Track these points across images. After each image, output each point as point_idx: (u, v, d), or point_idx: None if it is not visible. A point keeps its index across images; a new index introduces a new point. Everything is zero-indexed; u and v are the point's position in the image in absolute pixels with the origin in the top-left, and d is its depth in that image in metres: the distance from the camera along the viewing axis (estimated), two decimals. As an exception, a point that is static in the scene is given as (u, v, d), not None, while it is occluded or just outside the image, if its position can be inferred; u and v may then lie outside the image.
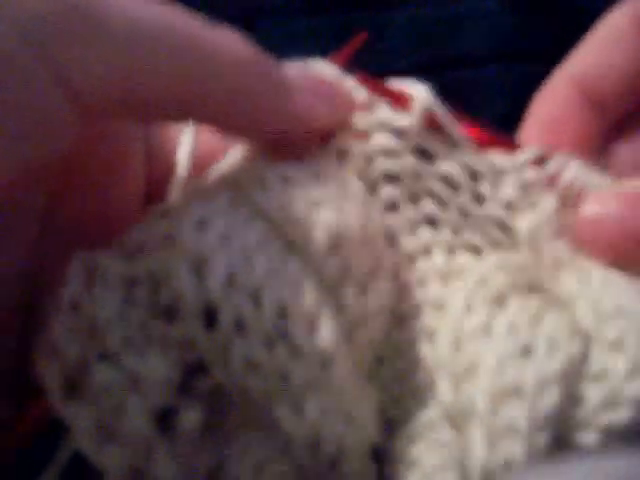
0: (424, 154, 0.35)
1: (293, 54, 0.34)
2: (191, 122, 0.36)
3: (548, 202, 0.34)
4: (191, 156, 0.37)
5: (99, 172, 0.35)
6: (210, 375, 0.30)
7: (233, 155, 0.36)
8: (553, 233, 0.34)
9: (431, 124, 0.34)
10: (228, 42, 0.31)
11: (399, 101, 0.34)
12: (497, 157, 0.34)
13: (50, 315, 0.30)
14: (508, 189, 0.34)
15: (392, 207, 0.35)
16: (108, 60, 0.28)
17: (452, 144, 0.34)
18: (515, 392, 0.29)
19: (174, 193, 0.36)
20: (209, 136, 0.37)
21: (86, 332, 0.29)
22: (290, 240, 0.31)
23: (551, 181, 0.34)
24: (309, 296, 0.30)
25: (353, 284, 0.31)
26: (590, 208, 0.33)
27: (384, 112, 0.35)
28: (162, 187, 0.37)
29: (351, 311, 0.31)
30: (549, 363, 0.30)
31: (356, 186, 0.34)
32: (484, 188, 0.34)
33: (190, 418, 0.30)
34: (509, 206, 0.34)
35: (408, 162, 0.34)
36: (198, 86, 0.30)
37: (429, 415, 0.33)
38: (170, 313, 0.29)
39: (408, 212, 0.35)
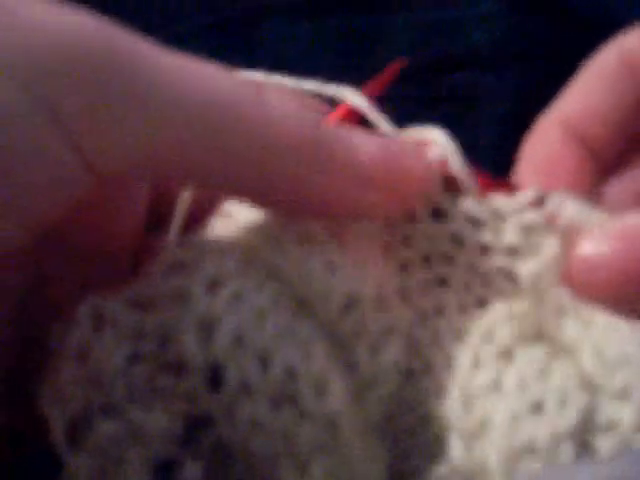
0: (438, 213, 0.34)
1: (295, 56, 0.33)
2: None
3: (550, 246, 0.33)
4: None
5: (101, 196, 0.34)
6: (214, 430, 0.29)
7: None
8: (555, 279, 0.33)
9: (444, 172, 0.34)
10: (276, 114, 0.28)
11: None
12: (498, 200, 0.33)
13: (55, 357, 0.30)
14: (510, 234, 0.33)
15: (405, 268, 0.35)
16: (129, 130, 0.26)
17: (459, 193, 0.34)
18: (529, 450, 0.29)
19: (179, 213, 0.35)
20: None
21: (91, 382, 0.29)
22: (304, 300, 0.30)
23: (550, 220, 0.33)
24: (318, 359, 0.29)
25: (366, 343, 0.31)
26: (584, 249, 0.32)
27: None
28: (168, 202, 0.36)
29: (363, 370, 0.31)
30: (561, 419, 0.29)
31: (372, 244, 0.33)
32: (486, 237, 0.33)
33: (192, 471, 0.29)
34: (512, 252, 0.33)
35: (424, 226, 0.34)
36: (234, 166, 0.27)
37: (439, 473, 0.32)
38: (177, 368, 0.29)
39: (420, 273, 0.35)
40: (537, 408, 0.30)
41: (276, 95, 0.29)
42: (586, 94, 0.36)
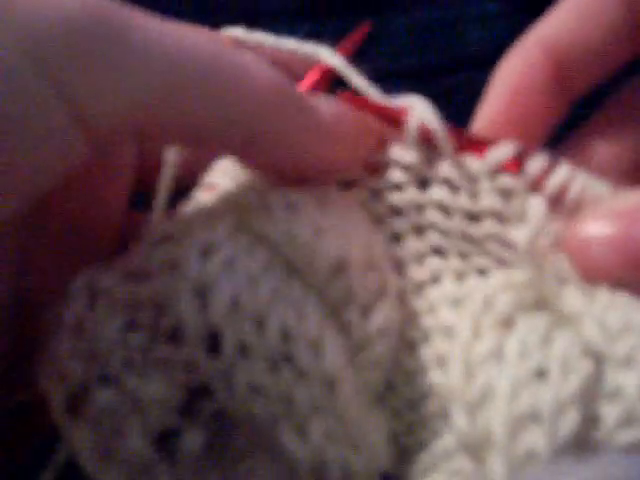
0: (424, 182, 0.34)
1: None
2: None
3: (536, 209, 0.32)
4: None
5: (88, 165, 0.34)
6: (214, 398, 0.30)
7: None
8: (551, 244, 0.32)
9: (424, 136, 0.34)
10: (253, 68, 0.29)
11: (393, 119, 0.34)
12: (472, 162, 0.33)
13: (53, 333, 0.30)
14: (487, 199, 0.33)
15: (397, 239, 0.35)
16: (122, 90, 0.27)
17: (438, 155, 0.34)
18: (533, 417, 0.29)
19: (163, 185, 0.36)
20: None
21: (88, 354, 0.29)
22: (293, 265, 0.30)
23: (535, 185, 0.33)
24: (313, 319, 0.29)
25: (356, 306, 0.31)
26: (584, 229, 0.32)
27: (395, 150, 0.34)
28: (153, 174, 0.36)
29: (355, 333, 0.31)
30: (565, 385, 0.29)
31: (360, 214, 0.34)
32: (465, 201, 0.33)
33: (192, 440, 0.30)
34: (498, 217, 0.33)
35: (411, 195, 0.34)
36: (218, 118, 0.29)
37: (444, 445, 0.32)
38: (174, 336, 0.29)
39: (414, 244, 0.35)
40: (540, 375, 0.30)
41: (252, 53, 0.30)
42: (572, 18, 0.35)
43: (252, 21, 0.34)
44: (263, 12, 0.53)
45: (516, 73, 0.35)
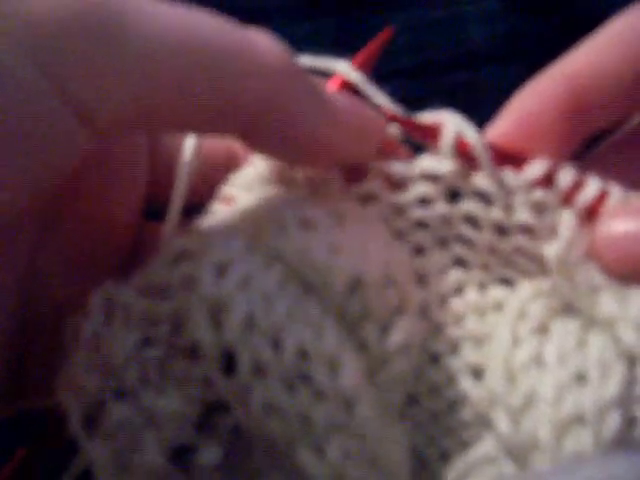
0: (454, 195, 0.34)
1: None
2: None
3: (568, 224, 0.32)
4: (195, 157, 0.35)
5: (99, 176, 0.34)
6: (232, 414, 0.29)
7: (256, 166, 0.35)
8: (581, 255, 0.32)
9: (460, 150, 0.33)
10: (261, 46, 0.28)
11: (428, 135, 0.33)
12: (507, 175, 0.33)
13: (71, 346, 0.30)
14: (521, 214, 0.33)
15: (419, 251, 0.35)
16: (122, 81, 0.26)
17: (473, 168, 0.33)
18: (577, 420, 0.30)
19: (177, 197, 0.35)
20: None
21: (104, 368, 0.29)
22: (309, 283, 0.30)
23: (568, 198, 0.32)
24: (330, 337, 0.29)
25: (374, 323, 0.31)
26: (611, 227, 0.32)
27: (426, 162, 0.33)
28: (165, 187, 0.36)
29: (373, 350, 0.31)
30: (605, 388, 0.30)
31: (379, 228, 0.33)
32: (498, 214, 0.33)
33: (208, 456, 0.30)
34: (529, 232, 0.33)
35: (439, 209, 0.34)
36: (224, 99, 0.28)
37: (484, 450, 0.33)
38: (191, 352, 0.29)
39: (437, 256, 0.34)
40: (580, 378, 0.30)
41: (260, 32, 0.29)
42: (594, 54, 0.34)
43: (252, 19, 0.33)
44: (263, 9, 0.52)
45: (529, 102, 0.34)
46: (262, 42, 0.29)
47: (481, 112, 0.48)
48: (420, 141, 0.34)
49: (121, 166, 0.34)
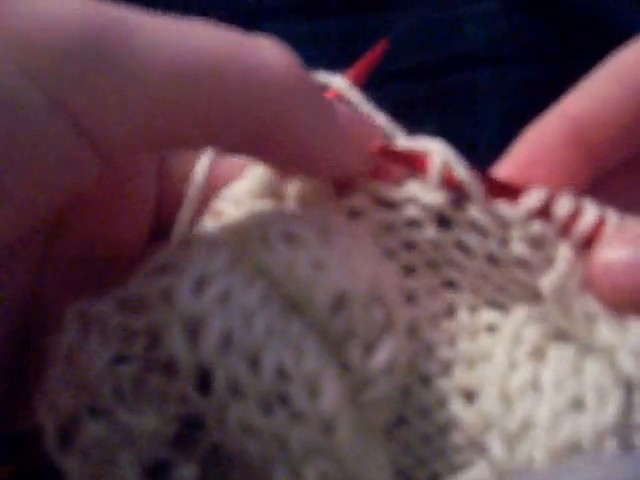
0: (443, 220, 0.33)
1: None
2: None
3: (564, 256, 0.32)
4: (204, 178, 0.35)
5: (107, 195, 0.33)
6: (208, 431, 0.29)
7: (247, 181, 0.34)
8: (576, 286, 0.32)
9: (448, 181, 0.32)
10: (268, 56, 0.28)
11: (416, 164, 0.33)
12: (503, 208, 0.32)
13: (48, 361, 0.29)
14: (518, 247, 0.32)
15: (409, 271, 0.34)
16: (127, 105, 0.26)
17: (465, 200, 0.32)
18: (574, 447, 0.29)
19: (184, 216, 0.35)
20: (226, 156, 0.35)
21: (79, 384, 0.28)
22: (293, 299, 0.29)
23: (563, 229, 0.32)
24: (310, 357, 0.28)
25: (359, 342, 0.30)
26: (604, 255, 0.31)
27: (415, 189, 0.33)
28: (173, 207, 0.36)
29: (356, 370, 0.30)
30: (603, 414, 0.30)
31: (367, 245, 0.32)
32: (493, 246, 0.32)
33: (185, 473, 0.29)
34: (524, 265, 0.32)
35: (429, 233, 0.33)
36: (231, 114, 0.28)
37: (477, 474, 0.32)
38: (167, 368, 0.28)
39: (427, 276, 0.34)
40: (577, 405, 0.30)
41: (269, 40, 0.29)
42: (597, 92, 0.34)
43: (251, 19, 0.33)
44: (262, 10, 0.51)
45: (533, 144, 0.34)
46: (269, 51, 0.28)
47: (480, 113, 0.48)
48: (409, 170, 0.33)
49: (128, 183, 0.34)
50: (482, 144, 0.49)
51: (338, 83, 0.35)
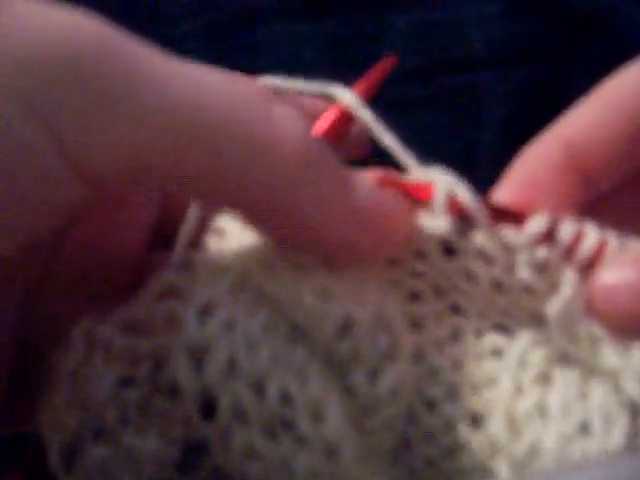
0: (448, 249, 0.33)
1: (293, 57, 0.31)
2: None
3: (569, 281, 0.31)
4: None
5: (102, 205, 0.33)
6: (212, 455, 0.29)
7: None
8: (582, 310, 0.31)
9: (452, 208, 0.32)
10: (282, 126, 0.26)
11: (421, 195, 0.32)
12: (508, 234, 0.32)
13: (51, 380, 0.29)
14: (523, 272, 0.32)
15: (415, 297, 0.34)
16: (118, 135, 0.25)
17: (470, 228, 0.32)
18: None
19: (186, 230, 0.34)
20: None
21: (83, 406, 0.28)
22: (297, 325, 0.29)
23: (567, 254, 0.31)
24: (315, 383, 0.28)
25: (364, 368, 0.30)
26: (604, 278, 0.31)
27: (422, 218, 0.32)
28: (178, 215, 0.34)
29: (361, 395, 0.30)
30: (610, 439, 0.30)
31: (373, 269, 0.32)
32: (498, 273, 0.32)
33: None
34: (529, 290, 0.32)
35: (435, 262, 0.33)
36: (231, 180, 0.26)
37: None
38: (172, 391, 0.29)
39: (432, 302, 0.34)
40: (584, 429, 0.30)
41: (284, 110, 0.27)
42: (593, 114, 0.34)
43: (251, 19, 0.32)
44: (262, 10, 0.51)
45: (530, 169, 0.33)
46: (281, 123, 0.26)
47: (480, 115, 0.47)
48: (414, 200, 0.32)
49: (128, 195, 0.33)
50: (482, 144, 0.49)
51: (348, 99, 0.34)
